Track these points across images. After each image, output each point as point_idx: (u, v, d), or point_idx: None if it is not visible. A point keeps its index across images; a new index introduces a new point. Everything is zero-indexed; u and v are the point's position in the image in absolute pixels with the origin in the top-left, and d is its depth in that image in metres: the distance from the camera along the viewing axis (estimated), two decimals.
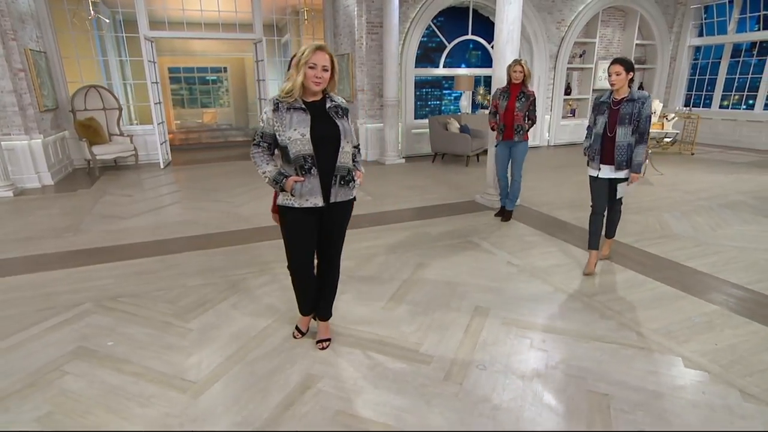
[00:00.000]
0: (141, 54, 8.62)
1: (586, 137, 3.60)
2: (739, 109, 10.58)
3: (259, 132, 2.36)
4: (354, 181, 2.42)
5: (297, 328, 2.76)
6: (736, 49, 10.56)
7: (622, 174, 3.43)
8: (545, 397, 2.21)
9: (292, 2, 9.93)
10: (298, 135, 2.22)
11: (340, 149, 2.29)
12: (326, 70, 2.22)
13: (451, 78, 11.76)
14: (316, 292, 2.64)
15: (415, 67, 8.95)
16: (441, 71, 9.49)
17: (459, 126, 8.35)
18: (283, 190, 2.30)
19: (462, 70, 9.67)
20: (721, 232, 4.57)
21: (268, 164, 2.34)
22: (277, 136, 2.27)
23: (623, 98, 3.28)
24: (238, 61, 12.97)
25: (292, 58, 2.29)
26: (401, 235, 4.51)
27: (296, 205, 2.32)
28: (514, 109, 4.71)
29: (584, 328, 2.82)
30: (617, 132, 3.30)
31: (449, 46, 9.33)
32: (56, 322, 2.91)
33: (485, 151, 8.72)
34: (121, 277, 3.57)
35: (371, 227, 4.74)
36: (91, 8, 7.17)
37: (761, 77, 10.00)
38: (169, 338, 2.74)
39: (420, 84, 10.08)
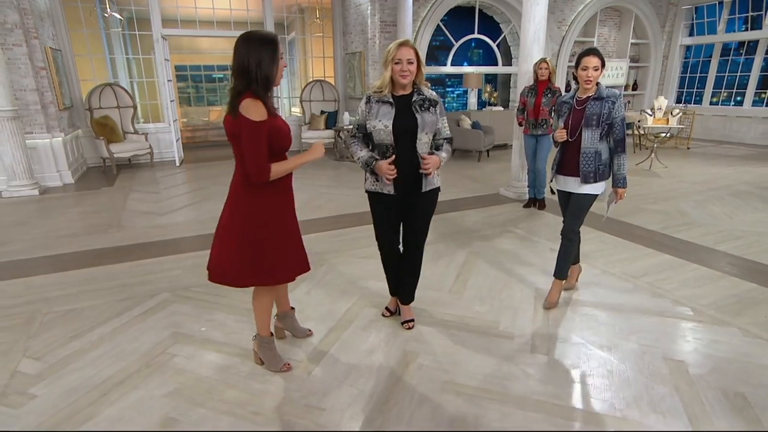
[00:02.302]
0: (148, 52, 8.64)
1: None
2: (729, 105, 11.10)
3: (355, 124, 2.57)
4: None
5: (387, 307, 2.95)
6: (726, 49, 11.07)
7: (589, 189, 2.81)
8: (628, 365, 2.43)
9: (298, 0, 10.00)
10: (381, 126, 2.41)
11: (417, 141, 2.46)
12: (411, 63, 2.39)
13: (455, 76, 12.02)
14: (397, 274, 2.82)
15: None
16: (449, 69, 9.71)
17: (470, 122, 8.58)
18: (374, 172, 2.49)
19: (470, 68, 9.92)
20: (737, 219, 4.90)
21: (362, 150, 2.53)
22: (366, 125, 2.48)
23: (589, 96, 2.74)
24: None
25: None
26: (442, 225, 4.70)
27: (377, 190, 2.53)
28: (540, 104, 4.95)
29: (642, 305, 3.06)
30: (582, 136, 2.73)
31: (456, 45, 9.55)
32: (142, 310, 3.01)
33: (495, 147, 9.00)
34: (185, 269, 3.67)
35: None
36: (108, 6, 7.14)
37: (749, 75, 10.52)
38: None
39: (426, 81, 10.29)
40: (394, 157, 2.43)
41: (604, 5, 10.39)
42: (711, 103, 11.33)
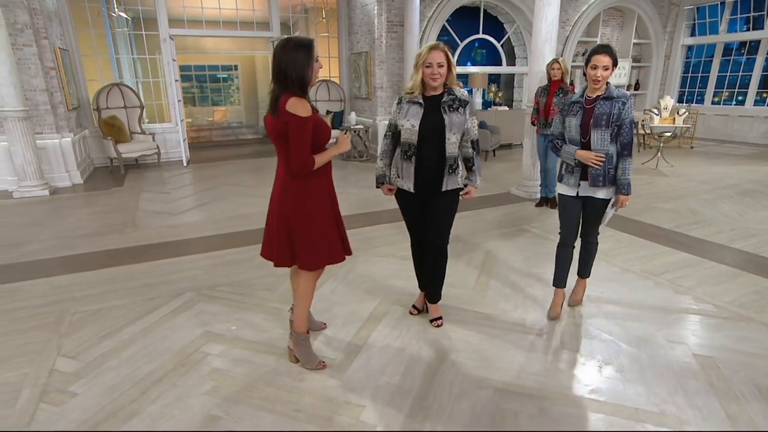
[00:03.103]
0: (153, 52, 8.62)
1: (553, 143, 2.85)
2: (731, 104, 11.19)
3: (388, 124, 2.64)
4: (458, 168, 2.60)
5: (414, 305, 2.99)
6: (727, 48, 11.16)
7: (599, 193, 2.69)
8: (659, 360, 2.46)
9: (303, 0, 10.01)
10: (409, 125, 2.48)
11: (446, 140, 2.49)
12: (441, 66, 2.42)
13: (459, 76, 12.02)
14: (423, 270, 2.86)
15: None
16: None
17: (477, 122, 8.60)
18: (377, 187, 2.72)
19: (475, 68, 9.95)
20: (748, 216, 4.95)
21: (382, 159, 2.68)
22: (397, 123, 2.56)
23: (598, 96, 2.60)
24: (249, 59, 12.95)
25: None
26: (458, 224, 4.69)
27: (400, 187, 2.63)
28: (551, 104, 4.98)
29: (665, 303, 3.10)
30: (591, 136, 2.61)
31: (461, 45, 9.58)
32: (170, 309, 3.02)
33: (500, 146, 9.05)
34: (205, 269, 3.68)
35: None
36: (116, 6, 7.13)
37: (751, 75, 10.61)
38: (287, 322, 2.85)
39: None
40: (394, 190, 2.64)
41: (607, 5, 10.45)
42: (713, 103, 11.41)
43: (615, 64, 2.55)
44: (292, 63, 2.05)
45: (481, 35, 9.69)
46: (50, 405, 2.13)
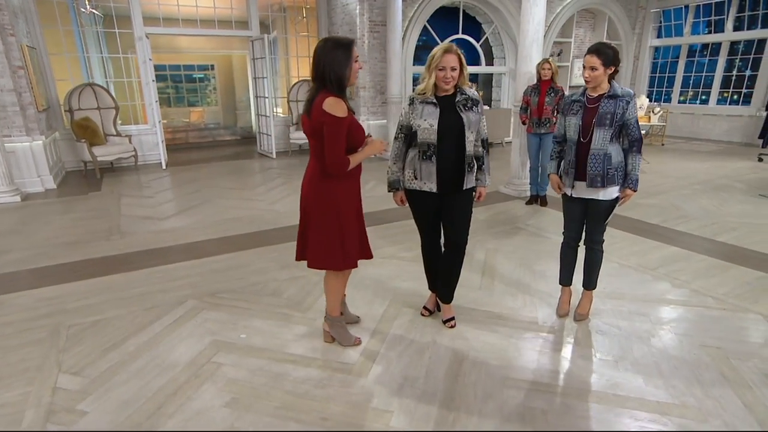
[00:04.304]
0: (126, 51, 8.29)
1: (553, 148, 2.86)
2: (695, 104, 11.69)
3: (398, 126, 2.61)
4: (474, 167, 2.60)
5: (425, 306, 2.96)
6: (691, 50, 11.65)
7: (599, 195, 2.64)
8: (671, 353, 2.53)
9: None
10: (427, 125, 2.46)
11: (466, 139, 2.50)
12: (454, 70, 2.42)
13: None
14: (437, 271, 2.84)
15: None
16: None
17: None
18: (389, 192, 2.69)
19: None
20: (726, 210, 5.17)
21: (395, 164, 2.64)
22: (411, 124, 2.53)
23: (602, 95, 2.57)
24: (226, 58, 12.61)
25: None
26: None
27: (417, 188, 2.56)
28: (544, 103, 5.07)
29: (666, 296, 3.19)
30: (593, 136, 2.56)
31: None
32: (173, 318, 2.90)
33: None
34: (203, 275, 3.56)
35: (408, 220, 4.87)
36: (86, 2, 6.81)
37: (713, 75, 11.12)
38: (298, 328, 2.81)
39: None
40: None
41: (580, 7, 10.73)
42: (679, 102, 11.89)
43: (609, 63, 2.48)
44: (331, 62, 2.07)
45: (460, 35, 9.77)
46: (59, 425, 2.01)
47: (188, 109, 12.99)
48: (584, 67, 2.55)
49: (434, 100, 2.47)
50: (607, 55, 2.48)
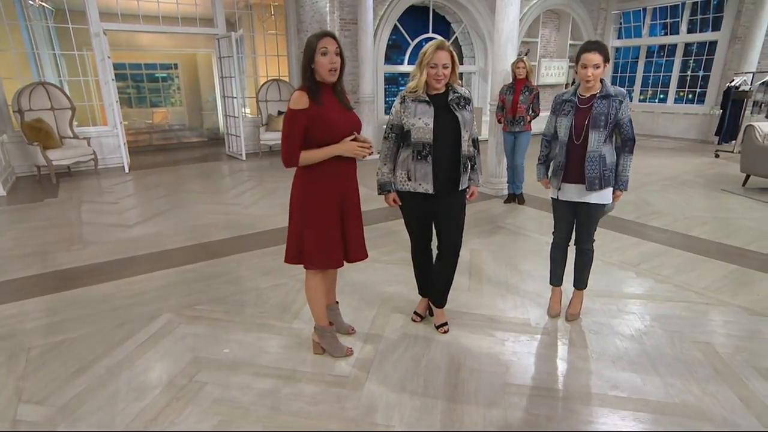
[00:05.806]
0: (81, 48, 7.83)
1: (541, 149, 2.82)
2: (654, 102, 12.15)
3: (388, 125, 2.50)
4: (469, 166, 2.53)
5: (416, 312, 2.86)
6: (650, 51, 12.10)
7: (593, 198, 2.59)
8: (663, 350, 2.54)
9: None
10: (422, 123, 2.37)
11: (462, 139, 2.43)
12: (446, 68, 2.34)
13: (407, 75, 12.08)
14: (428, 275, 2.75)
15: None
16: (406, 68, 9.73)
17: None
18: (380, 194, 2.58)
19: None
20: (694, 205, 5.34)
21: (385, 165, 2.53)
22: (403, 123, 2.43)
23: (594, 95, 2.50)
24: (190, 57, 12.08)
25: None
26: None
27: (411, 190, 2.46)
28: (518, 102, 5.09)
29: (651, 293, 3.23)
30: (589, 138, 2.48)
31: (413, 44, 9.60)
32: (147, 335, 2.69)
33: None
34: (179, 285, 3.35)
35: (387, 222, 4.75)
36: None
37: (671, 75, 11.58)
38: (283, 339, 2.67)
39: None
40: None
41: (545, 8, 10.93)
42: (639, 101, 12.33)
43: (607, 60, 2.44)
44: (303, 54, 2.16)
45: (430, 34, 9.75)
46: None
47: (151, 109, 12.40)
48: (584, 66, 2.44)
49: (427, 99, 2.38)
50: (606, 50, 2.42)
